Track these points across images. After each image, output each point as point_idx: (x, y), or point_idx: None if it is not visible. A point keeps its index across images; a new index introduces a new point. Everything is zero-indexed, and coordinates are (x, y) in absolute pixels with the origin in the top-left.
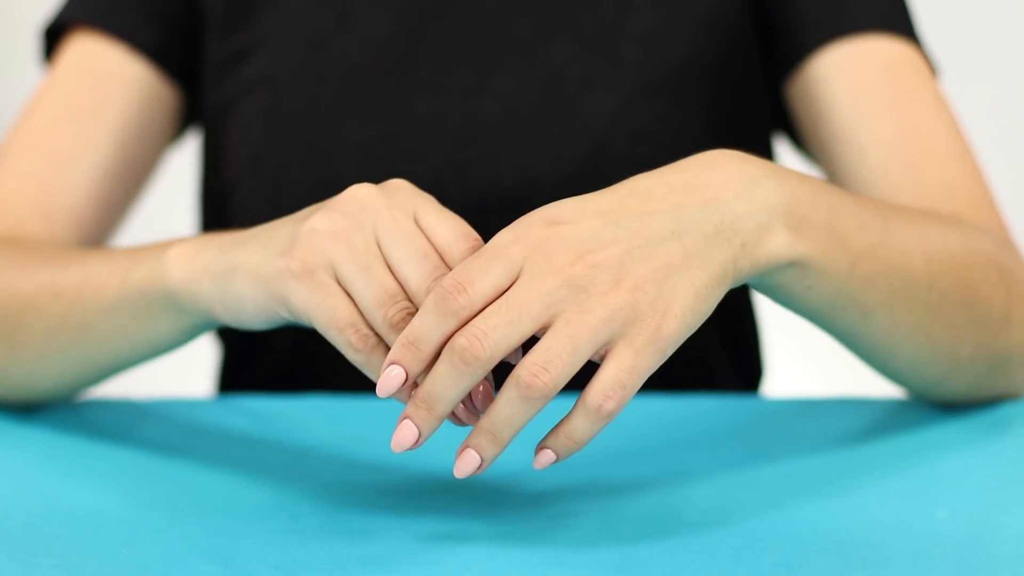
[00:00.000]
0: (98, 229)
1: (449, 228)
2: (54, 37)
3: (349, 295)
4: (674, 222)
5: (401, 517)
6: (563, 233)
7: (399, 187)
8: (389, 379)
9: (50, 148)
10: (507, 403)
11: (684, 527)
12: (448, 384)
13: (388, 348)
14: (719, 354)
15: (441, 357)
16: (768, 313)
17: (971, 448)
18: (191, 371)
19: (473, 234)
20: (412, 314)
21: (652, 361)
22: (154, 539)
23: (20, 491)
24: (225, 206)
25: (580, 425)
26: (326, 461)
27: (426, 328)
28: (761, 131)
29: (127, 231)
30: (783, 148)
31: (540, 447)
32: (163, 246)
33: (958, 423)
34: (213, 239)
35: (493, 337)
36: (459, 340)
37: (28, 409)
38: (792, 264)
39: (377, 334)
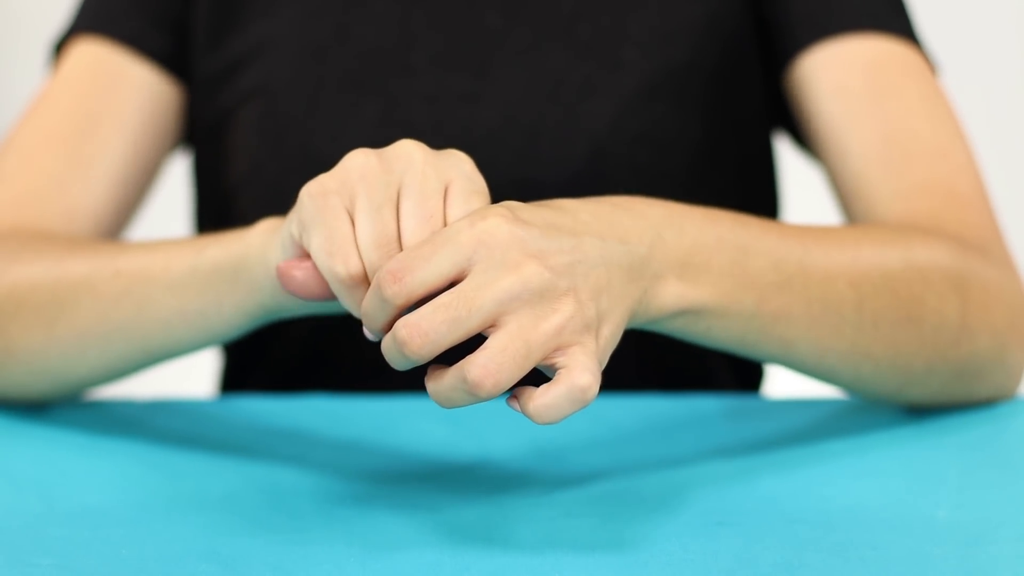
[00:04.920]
0: (113, 231)
1: (461, 211)
2: (59, 50)
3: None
4: (601, 249)
5: (401, 517)
6: (518, 230)
7: (454, 156)
8: (366, 334)
9: (68, 147)
10: (450, 390)
11: (684, 527)
12: (394, 358)
13: (368, 287)
14: (718, 357)
15: (389, 333)
16: None
17: (971, 448)
18: (191, 374)
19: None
20: None
21: (598, 368)
22: (154, 539)
23: (20, 491)
24: (224, 216)
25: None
26: (326, 461)
27: (371, 308)
28: (760, 131)
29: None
30: (784, 147)
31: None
32: (252, 226)
33: (958, 423)
34: None
35: (432, 336)
36: (400, 331)
37: (44, 405)
38: (684, 312)
39: (364, 273)
